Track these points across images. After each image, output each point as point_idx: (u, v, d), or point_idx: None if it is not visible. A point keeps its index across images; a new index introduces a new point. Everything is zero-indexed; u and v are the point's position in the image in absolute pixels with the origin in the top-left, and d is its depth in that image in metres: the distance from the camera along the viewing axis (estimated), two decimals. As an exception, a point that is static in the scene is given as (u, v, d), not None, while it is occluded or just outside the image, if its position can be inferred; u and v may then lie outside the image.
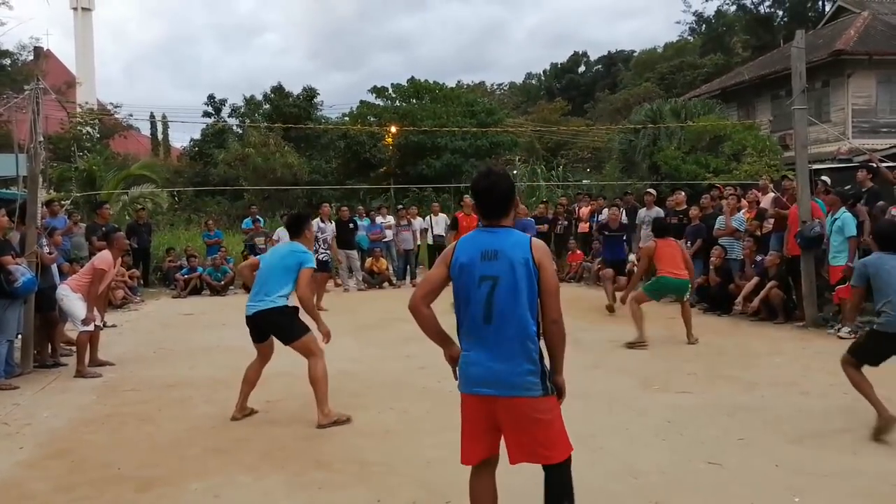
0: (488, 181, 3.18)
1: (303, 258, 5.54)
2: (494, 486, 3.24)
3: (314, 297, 10.62)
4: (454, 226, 11.78)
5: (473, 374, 3.09)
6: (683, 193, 13.10)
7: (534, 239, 3.15)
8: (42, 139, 8.37)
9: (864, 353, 5.14)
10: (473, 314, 3.07)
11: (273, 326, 5.55)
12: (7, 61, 25.29)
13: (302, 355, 5.54)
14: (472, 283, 3.06)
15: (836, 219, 8.86)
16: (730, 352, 8.04)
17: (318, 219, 12.46)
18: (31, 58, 27.03)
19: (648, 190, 14.05)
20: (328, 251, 12.52)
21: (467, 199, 12.27)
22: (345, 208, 15.51)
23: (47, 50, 33.68)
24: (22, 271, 7.08)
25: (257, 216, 16.82)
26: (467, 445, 3.18)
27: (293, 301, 5.56)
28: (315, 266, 5.73)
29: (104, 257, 7.76)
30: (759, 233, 11.02)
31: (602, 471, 4.41)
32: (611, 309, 10.74)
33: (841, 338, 8.51)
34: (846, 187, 9.74)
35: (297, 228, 5.82)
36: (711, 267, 11.04)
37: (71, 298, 7.57)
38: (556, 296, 3.10)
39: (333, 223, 13.62)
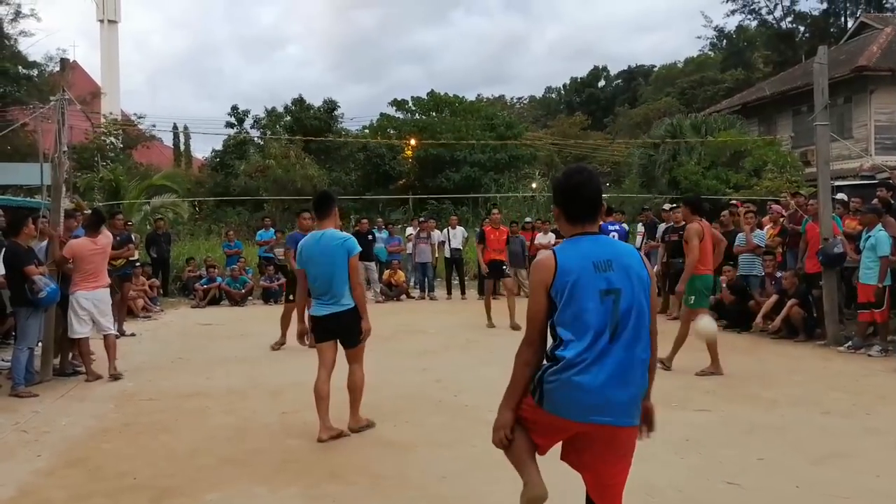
0: (582, 177, 2.84)
1: (349, 245, 5.32)
2: None
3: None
4: (481, 239, 11.69)
5: (588, 401, 2.65)
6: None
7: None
8: (66, 149, 8.50)
9: None
10: (590, 333, 2.65)
11: (345, 328, 5.37)
12: (34, 72, 25.72)
13: (351, 360, 5.50)
14: (590, 297, 2.66)
15: (869, 236, 8.72)
16: (749, 370, 7.93)
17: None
18: (57, 69, 27.51)
19: (665, 206, 13.98)
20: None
21: (496, 212, 12.25)
22: (364, 221, 15.74)
23: (73, 61, 34.30)
24: (45, 282, 7.15)
25: (274, 227, 16.93)
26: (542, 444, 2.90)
27: None
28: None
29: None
30: (780, 249, 10.93)
31: (618, 489, 4.36)
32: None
33: (870, 356, 8.42)
34: (873, 201, 9.63)
35: (324, 209, 5.45)
36: (724, 284, 10.94)
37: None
38: (657, 311, 2.85)
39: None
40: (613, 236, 11.41)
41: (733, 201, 13.87)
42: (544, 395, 2.72)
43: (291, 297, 9.55)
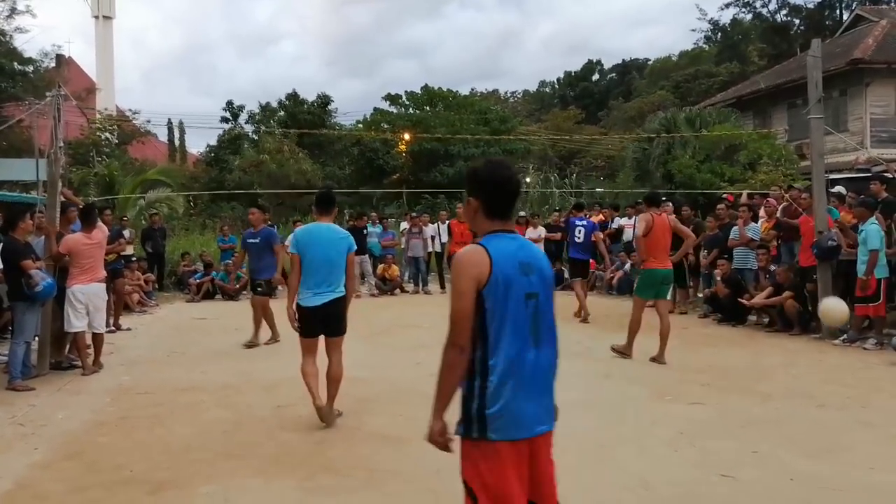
0: (510, 171, 2.68)
1: (351, 242, 5.65)
2: None
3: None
4: (450, 233, 12.04)
5: (531, 411, 2.57)
6: (671, 204, 13.01)
7: None
8: (62, 145, 8.47)
9: None
10: (518, 339, 2.55)
11: (337, 316, 5.55)
12: (30, 68, 25.64)
13: (334, 350, 5.63)
14: (517, 302, 2.54)
15: (862, 230, 8.71)
16: (744, 363, 7.97)
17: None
18: (52, 65, 27.43)
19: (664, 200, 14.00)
20: None
21: (460, 207, 12.66)
22: (365, 217, 15.94)
23: (69, 57, 34.18)
24: (42, 276, 7.16)
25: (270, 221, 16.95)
26: None
27: None
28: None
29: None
30: (774, 242, 10.95)
31: (612, 482, 4.39)
32: None
33: (866, 349, 8.45)
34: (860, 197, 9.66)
35: (329, 206, 5.70)
36: (718, 278, 10.99)
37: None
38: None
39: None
40: (580, 231, 11.65)
41: (725, 195, 13.90)
42: (488, 422, 2.52)
43: (259, 289, 9.46)
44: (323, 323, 5.55)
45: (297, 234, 5.75)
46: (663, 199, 13.19)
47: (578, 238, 11.88)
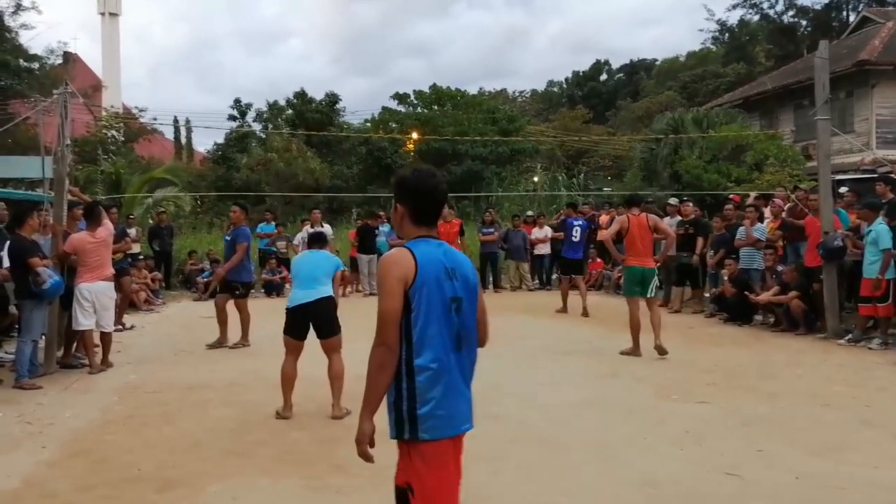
0: (436, 180, 2.75)
1: (338, 263, 6.42)
2: None
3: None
4: None
5: (458, 410, 2.66)
6: (691, 204, 13.05)
7: None
8: (69, 142, 8.50)
9: None
10: (443, 340, 2.62)
11: (324, 316, 5.92)
12: (35, 65, 25.73)
13: (330, 350, 5.95)
14: (442, 305, 2.61)
15: (870, 230, 8.67)
16: (750, 362, 7.97)
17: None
18: (59, 62, 27.51)
19: (671, 200, 13.99)
20: None
21: (447, 209, 13.02)
22: (379, 216, 16.10)
23: (74, 54, 34.26)
24: (49, 273, 7.18)
25: (276, 220, 16.97)
26: None
27: None
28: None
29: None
30: (781, 242, 10.94)
31: (618, 481, 4.40)
32: None
33: (870, 349, 8.43)
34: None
35: (322, 243, 6.68)
36: (725, 278, 10.98)
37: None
38: (486, 317, 2.86)
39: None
40: (577, 230, 11.87)
41: (732, 196, 13.89)
42: (419, 422, 2.60)
43: (237, 292, 9.34)
44: (312, 324, 5.94)
45: (293, 261, 6.72)
46: (685, 199, 13.32)
47: (575, 237, 12.08)
